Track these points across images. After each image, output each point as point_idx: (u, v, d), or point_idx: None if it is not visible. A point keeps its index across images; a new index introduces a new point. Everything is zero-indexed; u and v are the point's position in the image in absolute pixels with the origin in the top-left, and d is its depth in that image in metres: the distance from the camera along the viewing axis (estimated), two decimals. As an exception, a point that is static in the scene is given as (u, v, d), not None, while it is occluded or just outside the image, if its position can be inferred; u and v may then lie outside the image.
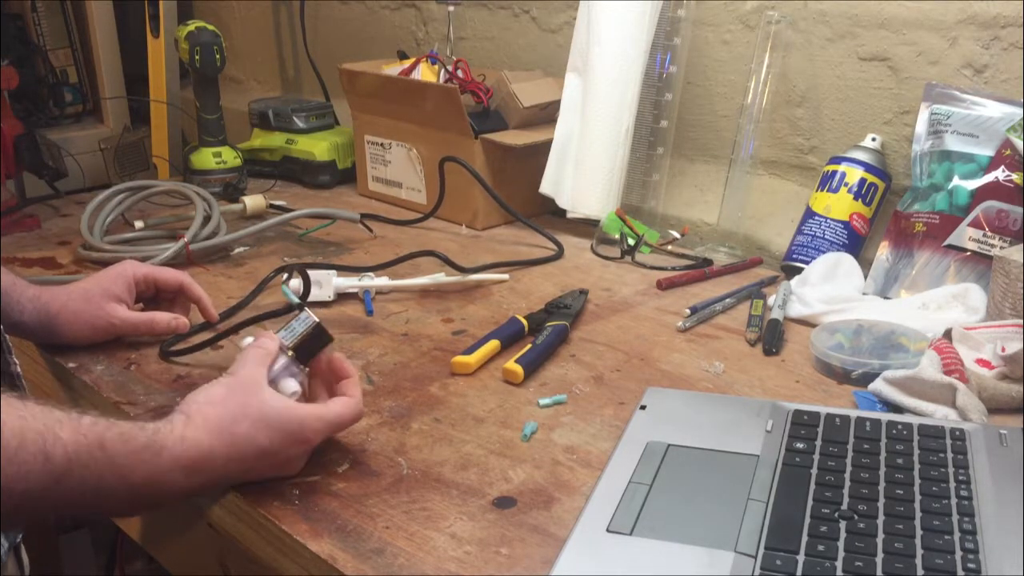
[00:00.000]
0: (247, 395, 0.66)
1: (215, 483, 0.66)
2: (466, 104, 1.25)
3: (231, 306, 0.98)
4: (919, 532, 0.59)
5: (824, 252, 1.07)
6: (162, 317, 0.91)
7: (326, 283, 1.02)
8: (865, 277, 1.05)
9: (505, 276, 1.09)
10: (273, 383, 0.70)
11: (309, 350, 0.73)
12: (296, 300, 0.79)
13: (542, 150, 1.25)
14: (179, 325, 0.92)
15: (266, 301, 1.03)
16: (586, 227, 1.25)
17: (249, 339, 0.75)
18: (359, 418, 0.72)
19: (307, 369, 0.73)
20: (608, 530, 0.61)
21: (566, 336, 0.93)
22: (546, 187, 1.26)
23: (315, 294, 1.01)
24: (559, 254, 1.18)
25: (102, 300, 0.88)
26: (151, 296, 0.94)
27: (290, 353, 0.72)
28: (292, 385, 0.71)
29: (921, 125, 1.05)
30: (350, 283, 1.04)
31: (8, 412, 0.55)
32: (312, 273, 1.02)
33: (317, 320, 0.73)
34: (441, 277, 1.06)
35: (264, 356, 0.70)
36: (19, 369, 0.75)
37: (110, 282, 0.89)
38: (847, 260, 1.05)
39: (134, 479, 0.60)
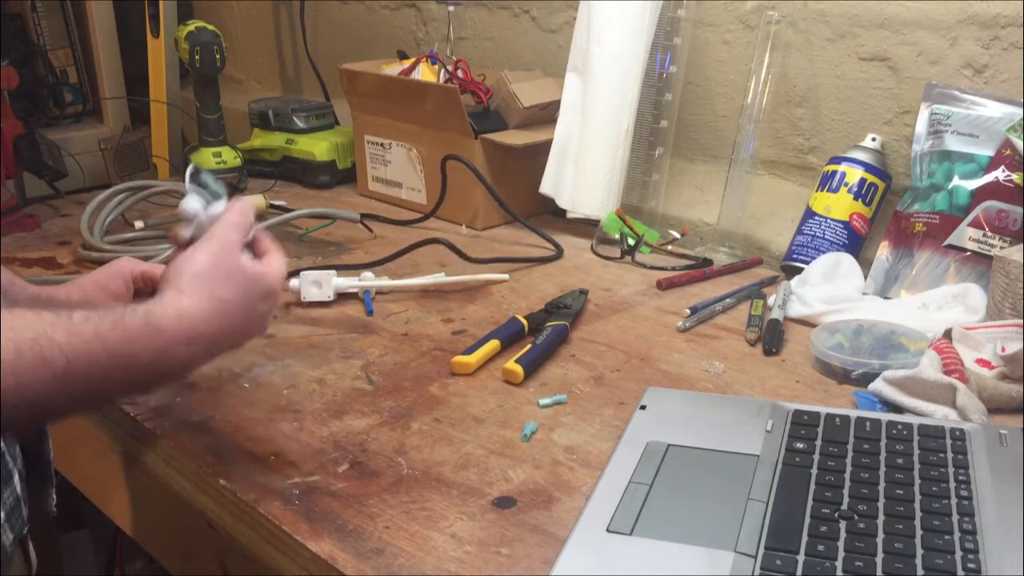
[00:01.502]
0: (230, 261, 0.68)
1: (210, 351, 0.66)
2: (466, 104, 1.25)
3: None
4: (919, 532, 0.59)
5: (824, 252, 1.07)
6: None
7: (326, 283, 1.02)
8: (865, 277, 1.05)
9: (505, 276, 1.09)
10: None
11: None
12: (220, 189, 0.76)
13: (542, 150, 1.25)
14: None
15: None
16: (586, 227, 1.25)
17: (194, 197, 0.73)
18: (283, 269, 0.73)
19: None
20: (608, 530, 0.61)
21: (566, 336, 0.93)
22: (546, 187, 1.26)
23: (315, 294, 1.01)
24: (558, 254, 1.18)
25: (100, 298, 0.88)
26: (149, 294, 0.94)
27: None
28: None
29: (921, 125, 1.05)
30: (350, 283, 1.04)
31: (2, 326, 0.55)
32: (312, 273, 1.02)
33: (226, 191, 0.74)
34: (441, 277, 1.06)
35: (243, 225, 0.70)
36: None
37: (107, 279, 0.89)
38: (847, 260, 1.05)
39: (136, 363, 0.60)
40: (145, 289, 0.93)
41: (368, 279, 1.05)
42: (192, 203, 0.72)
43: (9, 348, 0.54)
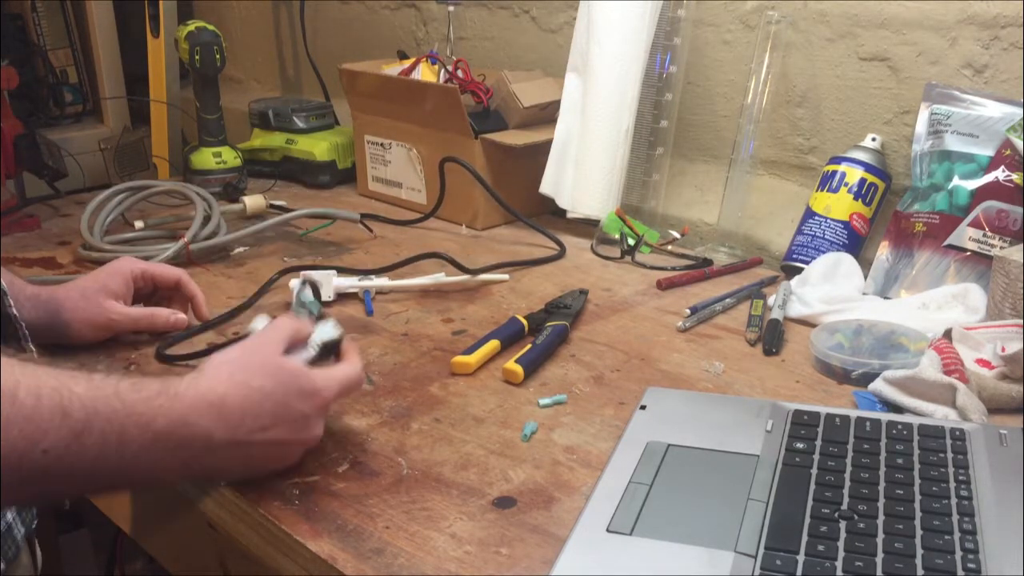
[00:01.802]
0: (263, 355, 0.65)
1: (238, 439, 0.62)
2: (466, 104, 1.25)
3: (232, 308, 0.99)
4: (919, 532, 0.59)
5: (824, 252, 1.07)
6: (161, 313, 0.91)
7: (326, 283, 1.02)
8: (865, 277, 1.05)
9: (505, 276, 1.09)
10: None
11: (328, 354, 0.73)
12: (318, 310, 0.82)
13: (542, 150, 1.25)
14: (178, 321, 0.92)
15: (265, 301, 1.03)
16: (586, 227, 1.25)
17: (263, 318, 0.75)
18: (362, 381, 0.72)
19: None
20: (608, 530, 0.61)
21: (566, 336, 0.93)
22: (546, 187, 1.26)
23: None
24: (561, 253, 1.18)
25: (100, 297, 0.88)
26: (149, 293, 0.94)
27: (315, 351, 0.71)
28: None
29: (921, 125, 1.05)
30: (350, 283, 1.04)
31: (23, 369, 0.54)
32: (312, 273, 1.02)
33: (342, 332, 0.74)
34: (441, 277, 1.06)
35: (285, 332, 0.68)
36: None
37: (108, 279, 0.89)
38: (847, 260, 1.05)
39: (156, 426, 0.58)
40: (145, 288, 0.93)
41: (367, 279, 1.05)
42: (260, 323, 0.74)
43: (30, 394, 0.53)
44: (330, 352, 0.73)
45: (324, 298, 1.02)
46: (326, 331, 0.73)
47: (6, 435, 0.52)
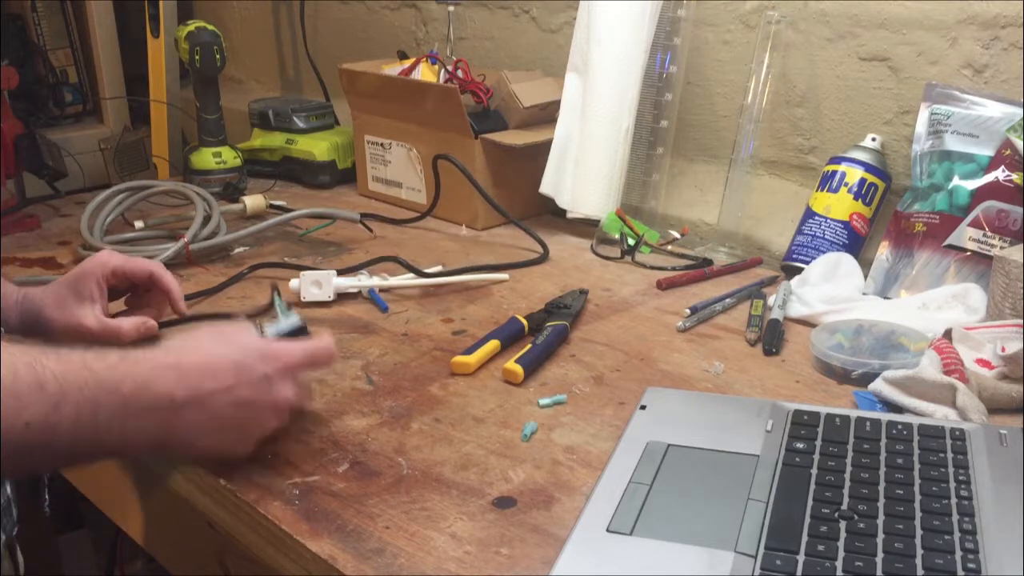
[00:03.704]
0: (216, 329, 0.69)
1: (201, 398, 0.64)
2: (466, 104, 1.25)
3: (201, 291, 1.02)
4: (919, 532, 0.59)
5: (824, 252, 1.07)
6: (128, 325, 0.87)
7: (326, 283, 1.02)
8: (865, 277, 1.05)
9: (504, 276, 1.09)
10: None
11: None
12: (286, 310, 0.84)
13: (542, 150, 1.25)
14: (148, 329, 0.89)
15: (265, 301, 1.03)
16: (586, 227, 1.25)
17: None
18: (332, 356, 0.73)
19: None
20: (608, 530, 0.61)
21: (566, 336, 0.93)
22: (546, 187, 1.26)
23: (315, 294, 1.01)
24: (544, 256, 1.17)
25: (73, 304, 0.86)
26: (126, 289, 0.92)
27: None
28: None
29: (921, 125, 1.05)
30: (350, 283, 1.04)
31: None
32: (312, 273, 1.02)
33: (303, 323, 0.78)
34: (439, 270, 1.07)
35: (238, 324, 0.72)
36: None
37: (79, 282, 0.87)
38: (847, 260, 1.05)
39: (123, 391, 0.60)
40: (120, 285, 0.91)
41: (367, 278, 1.05)
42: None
43: (8, 371, 0.55)
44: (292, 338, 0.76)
45: (324, 298, 1.02)
46: (287, 322, 0.78)
47: None
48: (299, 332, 0.78)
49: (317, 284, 1.01)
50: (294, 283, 1.02)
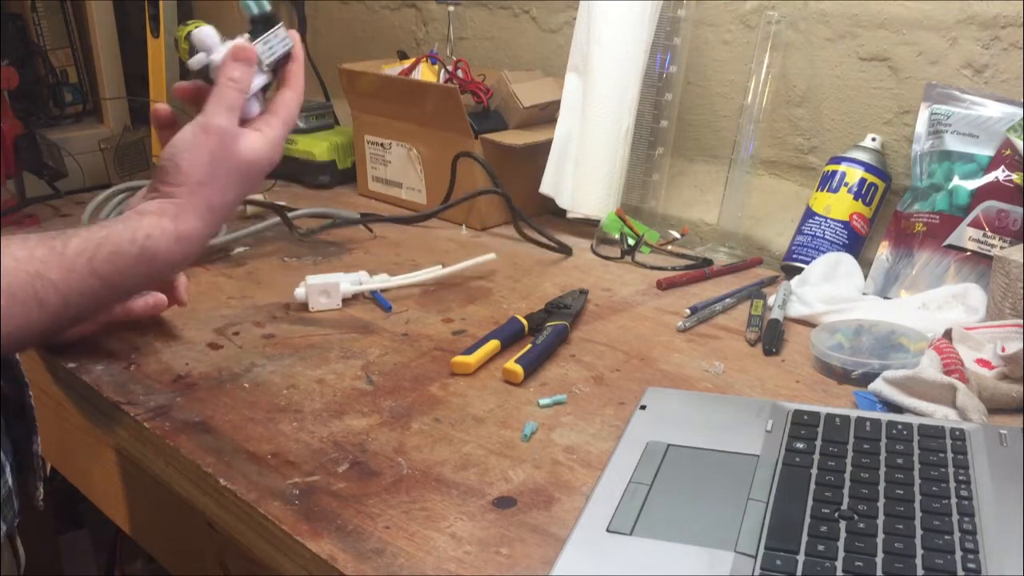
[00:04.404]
0: (230, 158, 0.67)
1: (199, 252, 0.69)
2: (466, 104, 1.25)
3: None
4: (919, 532, 0.59)
5: (824, 252, 1.07)
6: (136, 302, 0.88)
7: (334, 292, 1.01)
8: (865, 277, 1.05)
9: (492, 255, 1.09)
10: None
11: (280, 65, 0.73)
12: (267, 8, 0.75)
13: (542, 150, 1.25)
14: (157, 303, 0.89)
15: (264, 301, 1.03)
16: (586, 227, 1.25)
17: (219, 51, 0.74)
18: (300, 105, 0.74)
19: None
20: (608, 530, 0.61)
21: (566, 336, 0.93)
22: (546, 187, 1.26)
23: (323, 304, 1.00)
24: (567, 256, 1.18)
25: None
26: None
27: (266, 69, 0.71)
28: (255, 108, 0.72)
29: (921, 125, 1.05)
30: (353, 288, 1.03)
31: None
32: (319, 282, 1.00)
33: (292, 41, 0.74)
34: (438, 270, 1.07)
35: (240, 100, 0.70)
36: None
37: None
38: (847, 260, 1.05)
39: (130, 285, 0.62)
40: None
41: (366, 279, 1.05)
42: (209, 36, 0.72)
43: (6, 294, 0.54)
44: (283, 63, 0.73)
45: (332, 307, 1.01)
46: (276, 44, 0.73)
47: None
48: (286, 57, 0.74)
49: (326, 294, 1.00)
50: (299, 292, 1.00)
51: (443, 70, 1.31)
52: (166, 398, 0.81)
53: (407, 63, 1.36)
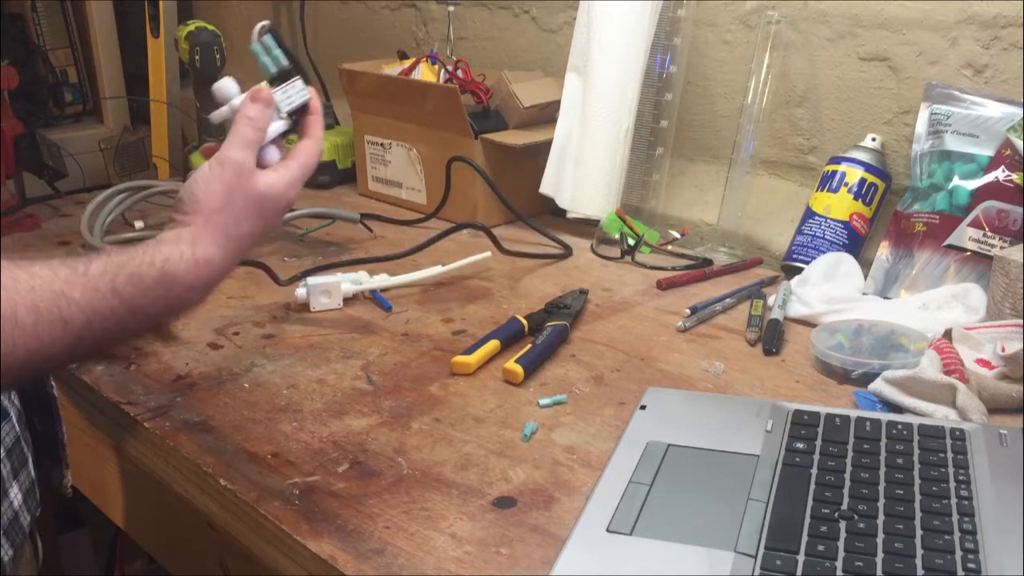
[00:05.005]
0: (245, 189, 0.69)
1: (219, 281, 0.69)
2: (466, 104, 1.25)
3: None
4: (919, 532, 0.59)
5: (824, 252, 1.07)
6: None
7: (335, 292, 1.01)
8: (865, 277, 1.05)
9: (487, 253, 1.09)
10: (260, 151, 0.72)
11: (299, 116, 0.75)
12: (285, 64, 0.76)
13: (542, 150, 1.25)
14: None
15: (264, 301, 1.03)
16: (586, 227, 1.25)
17: (239, 98, 0.74)
18: (320, 156, 0.76)
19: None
20: (608, 530, 0.61)
21: (566, 336, 0.93)
22: (546, 187, 1.26)
23: (324, 303, 1.00)
24: (567, 253, 1.18)
25: None
26: None
27: (284, 116, 0.73)
28: (274, 155, 0.74)
29: (921, 125, 1.05)
30: (354, 288, 1.03)
31: (17, 287, 0.55)
32: (320, 282, 1.01)
33: (310, 94, 0.76)
34: (438, 270, 1.07)
35: (257, 137, 0.71)
36: None
37: None
38: (847, 260, 1.05)
39: (151, 312, 0.62)
40: None
41: (367, 279, 1.05)
42: (229, 87, 0.73)
43: (29, 312, 0.54)
44: (301, 113, 0.75)
45: (333, 306, 1.01)
46: (294, 94, 0.74)
47: (14, 355, 0.53)
48: (304, 107, 0.76)
49: (327, 293, 1.00)
50: (301, 292, 1.00)
51: (443, 70, 1.31)
52: (166, 398, 0.81)
53: (407, 63, 1.36)
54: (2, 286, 0.54)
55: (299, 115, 0.75)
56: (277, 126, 0.74)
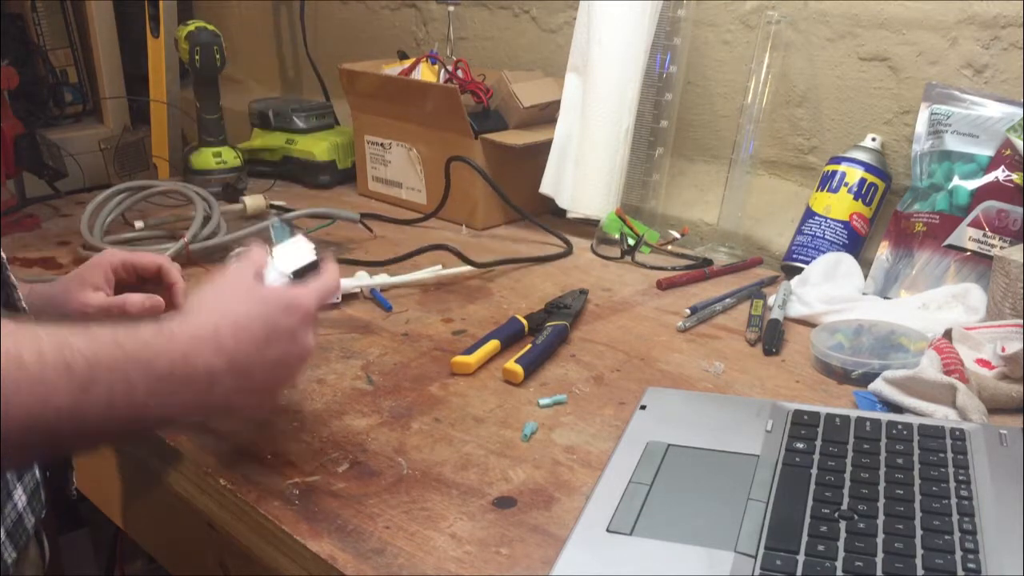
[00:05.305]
0: (236, 282, 0.67)
1: (238, 365, 0.63)
2: (466, 104, 1.25)
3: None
4: (919, 532, 0.59)
5: (824, 252, 1.07)
6: (135, 299, 0.87)
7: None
8: (865, 277, 1.05)
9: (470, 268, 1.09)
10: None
11: (303, 276, 0.73)
12: (289, 235, 0.78)
13: (542, 150, 1.25)
14: (154, 305, 0.88)
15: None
16: (586, 227, 1.25)
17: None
18: (338, 286, 0.74)
19: None
20: (608, 530, 0.61)
21: (566, 336, 0.93)
22: (546, 187, 1.26)
23: None
24: (568, 251, 1.18)
25: (78, 291, 0.86)
26: (135, 284, 0.91)
27: (287, 279, 0.72)
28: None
29: (921, 125, 1.05)
30: (353, 284, 1.03)
31: (22, 333, 0.54)
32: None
33: (318, 256, 0.75)
34: (439, 270, 1.06)
35: (255, 261, 0.71)
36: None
37: (86, 272, 0.87)
38: (847, 260, 1.05)
39: (158, 368, 0.58)
40: (128, 279, 0.91)
41: (364, 276, 1.05)
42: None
43: (33, 355, 0.53)
44: (305, 275, 0.73)
45: (332, 300, 1.01)
46: (297, 255, 0.74)
47: (16, 399, 0.52)
48: (313, 266, 0.75)
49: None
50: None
51: (443, 70, 1.31)
52: (166, 398, 0.81)
53: (407, 63, 1.36)
54: (4, 329, 0.53)
55: (303, 276, 0.73)
56: (279, 283, 0.72)
